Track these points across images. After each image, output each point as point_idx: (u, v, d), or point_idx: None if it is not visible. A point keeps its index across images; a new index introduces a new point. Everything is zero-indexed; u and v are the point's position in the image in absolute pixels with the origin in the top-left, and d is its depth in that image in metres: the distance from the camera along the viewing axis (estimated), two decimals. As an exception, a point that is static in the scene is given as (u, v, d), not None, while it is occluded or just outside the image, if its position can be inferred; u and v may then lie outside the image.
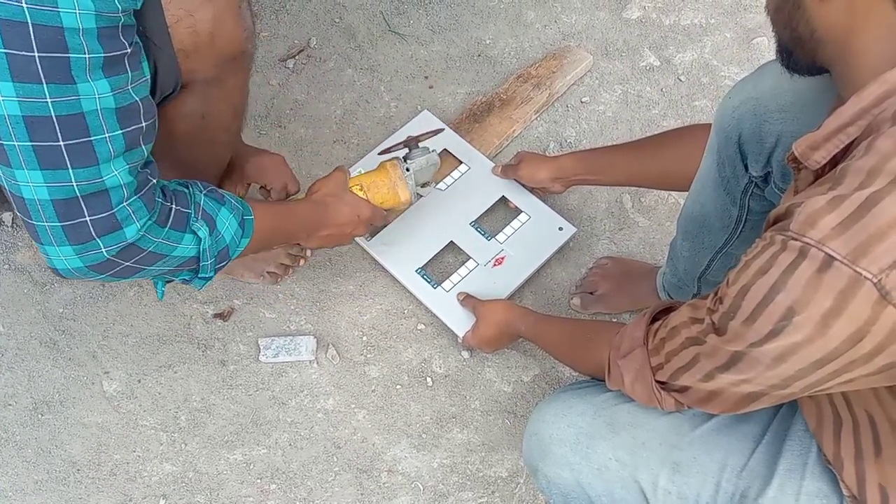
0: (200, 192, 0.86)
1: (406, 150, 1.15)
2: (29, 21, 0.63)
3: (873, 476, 0.68)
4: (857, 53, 0.57)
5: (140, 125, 0.74)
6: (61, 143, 0.68)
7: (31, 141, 0.68)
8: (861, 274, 0.51)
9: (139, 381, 1.19)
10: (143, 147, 0.76)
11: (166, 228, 0.79)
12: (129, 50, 0.71)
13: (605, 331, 0.86)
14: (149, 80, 0.77)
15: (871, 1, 0.55)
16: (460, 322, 1.19)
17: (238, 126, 1.05)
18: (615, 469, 0.79)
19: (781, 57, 0.67)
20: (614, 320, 1.24)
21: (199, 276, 0.87)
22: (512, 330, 1.09)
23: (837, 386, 0.60)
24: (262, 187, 1.18)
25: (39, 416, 1.16)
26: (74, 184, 0.70)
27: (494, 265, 1.25)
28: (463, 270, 1.24)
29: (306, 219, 1.04)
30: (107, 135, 0.71)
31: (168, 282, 0.92)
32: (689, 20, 1.57)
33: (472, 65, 1.50)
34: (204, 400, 1.18)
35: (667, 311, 0.77)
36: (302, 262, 1.27)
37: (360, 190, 1.10)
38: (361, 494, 1.12)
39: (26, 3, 0.63)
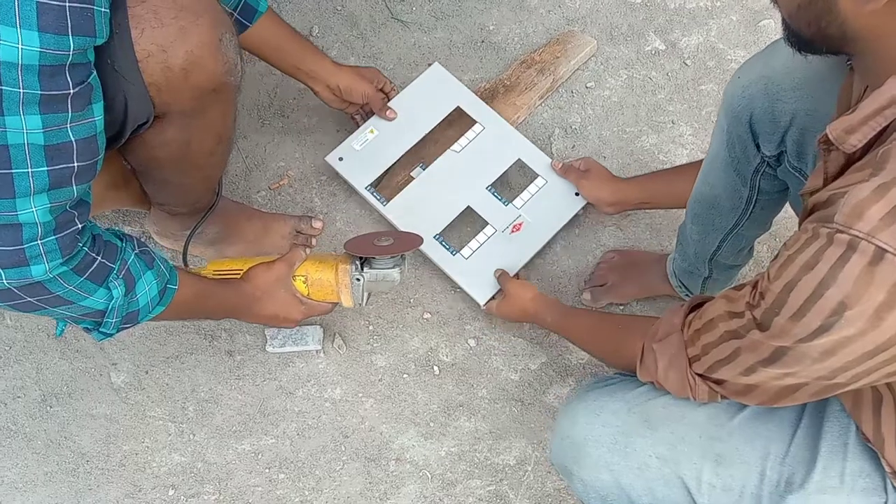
0: (132, 250, 0.83)
1: (366, 257, 1.03)
2: None
3: None
4: (890, 48, 0.56)
5: (71, 165, 0.71)
6: None
7: None
8: None
9: (147, 372, 1.19)
10: (74, 187, 0.72)
11: (82, 278, 0.76)
12: (72, 91, 0.68)
13: (637, 322, 0.85)
14: (97, 122, 0.73)
15: None
16: (480, 288, 1.19)
17: (225, 148, 1.02)
18: (656, 466, 0.77)
19: (795, 44, 0.64)
20: (625, 311, 1.24)
21: (100, 329, 0.83)
22: (536, 316, 1.09)
23: (883, 377, 0.60)
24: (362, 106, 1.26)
25: (48, 407, 1.16)
26: None
27: (513, 231, 1.23)
28: (481, 237, 1.23)
29: (230, 304, 1.00)
30: (30, 170, 0.68)
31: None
32: (695, 3, 1.55)
33: (476, 51, 1.49)
34: (211, 390, 1.18)
35: (703, 303, 0.75)
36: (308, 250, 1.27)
37: (304, 283, 1.03)
38: (370, 483, 1.13)
39: None
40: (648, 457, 0.77)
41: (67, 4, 0.64)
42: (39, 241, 0.71)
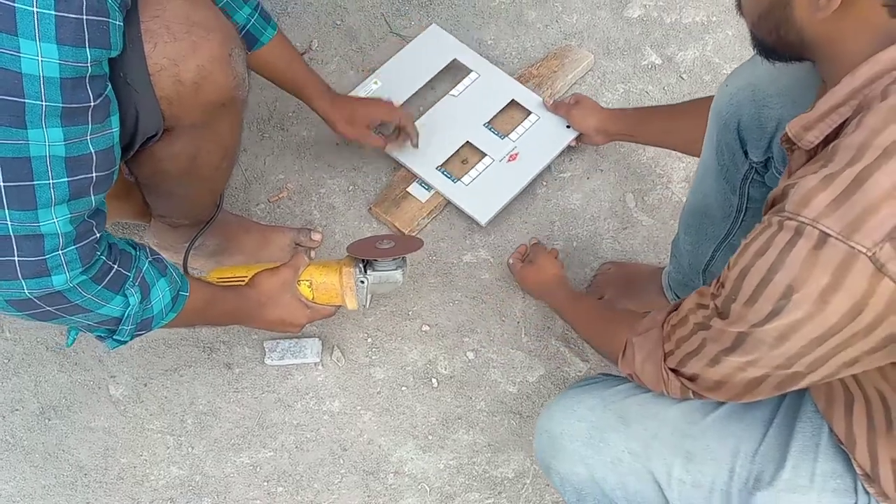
0: (146, 258, 0.84)
1: (370, 259, 1.04)
2: None
3: (885, 452, 0.69)
4: (845, 53, 0.58)
5: (90, 176, 0.72)
6: (1, 183, 0.67)
7: None
8: (855, 248, 0.53)
9: (145, 385, 1.19)
10: (93, 197, 0.74)
11: (100, 286, 0.77)
12: (93, 103, 0.69)
13: (630, 316, 0.87)
14: (115, 133, 0.74)
15: (867, 13, 0.56)
16: (481, 211, 1.28)
17: (230, 162, 1.03)
18: (628, 461, 0.79)
19: (761, 52, 0.68)
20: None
21: (114, 336, 0.84)
22: (550, 292, 1.14)
23: (841, 368, 0.61)
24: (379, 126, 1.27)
25: (46, 420, 1.16)
26: (9, 223, 0.69)
27: (509, 160, 1.32)
28: (480, 166, 1.32)
29: (237, 310, 1.00)
30: (51, 181, 0.69)
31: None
32: (691, 18, 1.57)
33: (474, 65, 1.50)
34: (210, 403, 1.18)
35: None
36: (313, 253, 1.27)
37: (308, 287, 1.04)
38: (368, 496, 1.12)
39: None
40: (621, 451, 0.79)
41: (84, 17, 0.65)
42: (60, 252, 0.72)
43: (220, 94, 0.85)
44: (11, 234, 0.69)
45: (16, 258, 0.70)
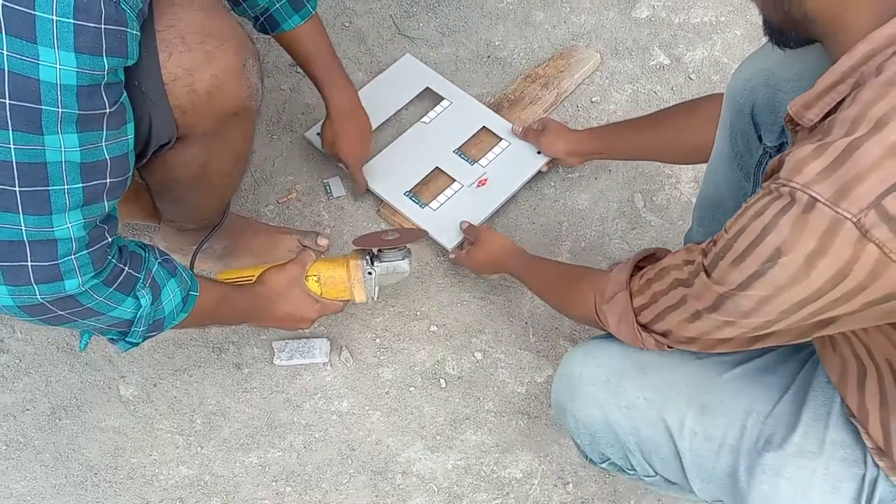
0: (156, 259, 0.84)
1: (377, 250, 1.07)
2: (6, 68, 0.62)
3: None
4: (848, 29, 0.59)
5: (104, 182, 0.73)
6: (17, 188, 0.67)
7: None
8: (842, 214, 0.54)
9: (155, 385, 1.20)
10: (105, 203, 0.74)
11: (111, 289, 0.77)
12: (108, 110, 0.69)
13: (592, 275, 0.89)
14: (130, 140, 0.75)
15: None
16: (448, 237, 1.27)
17: (241, 169, 1.04)
18: (643, 408, 0.81)
19: (771, 36, 0.68)
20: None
21: (126, 339, 0.84)
22: (503, 263, 1.14)
23: (816, 328, 0.63)
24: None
25: (57, 420, 1.17)
26: (23, 228, 0.69)
27: (478, 186, 1.31)
28: (449, 191, 1.31)
29: (246, 308, 1.01)
30: (66, 187, 0.69)
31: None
32: (699, 18, 1.57)
33: (482, 66, 1.51)
34: (219, 403, 1.18)
35: (650, 257, 0.81)
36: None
37: (316, 282, 1.05)
38: (376, 496, 1.12)
39: (7, 51, 0.62)
40: (637, 398, 0.81)
41: (103, 27, 0.65)
42: (73, 256, 0.72)
43: (233, 104, 0.86)
44: (25, 239, 0.70)
45: (29, 263, 0.71)
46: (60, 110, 0.66)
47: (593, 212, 1.35)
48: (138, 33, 0.71)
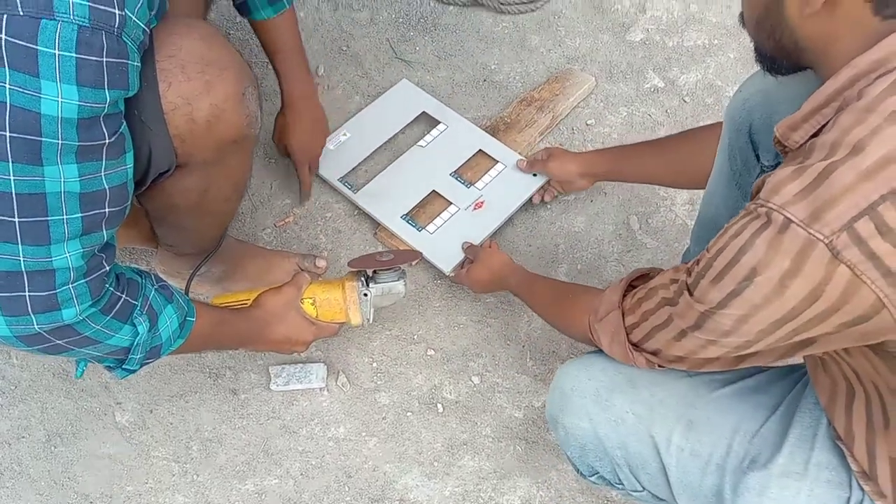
0: (152, 285, 0.84)
1: (372, 271, 1.08)
2: (7, 102, 0.63)
3: (883, 449, 0.70)
4: (837, 55, 0.60)
5: (103, 211, 0.73)
6: (16, 219, 0.67)
7: None
8: (814, 236, 0.56)
9: (151, 412, 1.19)
10: (104, 232, 0.74)
11: (108, 317, 0.77)
12: (108, 140, 0.70)
13: (587, 294, 0.90)
14: (129, 170, 0.75)
15: (853, 11, 0.58)
16: (445, 260, 1.27)
17: (240, 195, 1.05)
18: (631, 422, 0.82)
19: (763, 63, 0.70)
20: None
21: (123, 366, 0.84)
22: (503, 280, 1.15)
23: (797, 348, 0.64)
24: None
25: (52, 448, 1.16)
26: (22, 258, 0.69)
27: (475, 209, 1.32)
28: (445, 215, 1.31)
29: (243, 331, 1.01)
30: (65, 217, 0.69)
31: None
32: (693, 41, 1.58)
33: (478, 90, 1.52)
34: (215, 430, 1.18)
35: (643, 277, 0.83)
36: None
37: (312, 305, 1.05)
38: (373, 523, 1.12)
39: (9, 84, 0.62)
40: (626, 412, 0.82)
41: (105, 60, 0.66)
42: (71, 286, 0.72)
43: (232, 132, 0.86)
44: (23, 269, 0.70)
45: (27, 294, 0.71)
46: (60, 142, 0.66)
47: (589, 234, 1.35)
48: (139, 64, 0.72)
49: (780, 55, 0.66)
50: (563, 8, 1.62)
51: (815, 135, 0.62)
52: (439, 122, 1.41)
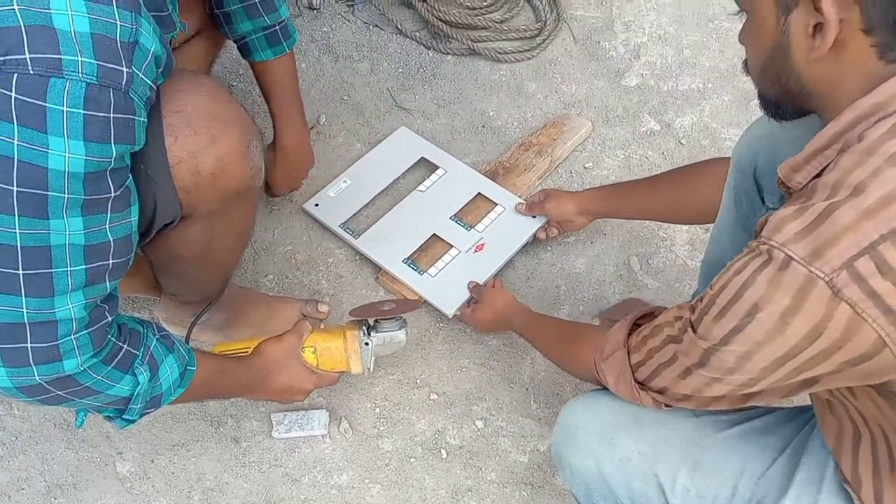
0: (154, 335, 0.84)
1: (374, 320, 1.08)
2: (15, 157, 0.64)
3: (891, 493, 0.69)
4: (842, 98, 0.61)
5: (107, 263, 0.74)
6: (20, 271, 0.68)
7: None
8: (815, 273, 0.56)
9: (152, 461, 1.18)
10: (108, 283, 0.75)
11: (109, 367, 0.77)
12: (114, 194, 0.71)
13: (592, 332, 0.91)
14: (133, 222, 0.76)
15: (858, 55, 0.59)
16: (447, 302, 1.27)
17: (244, 245, 1.06)
18: (636, 461, 0.81)
19: (767, 109, 0.71)
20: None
21: (123, 416, 0.84)
22: (507, 320, 1.15)
23: (802, 387, 0.64)
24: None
25: (53, 499, 1.15)
26: (24, 310, 0.69)
27: (475, 251, 1.33)
28: (447, 258, 1.32)
29: (243, 380, 1.01)
30: (69, 269, 0.70)
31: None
32: (687, 85, 1.61)
33: (477, 136, 1.54)
34: (217, 479, 1.16)
35: (647, 316, 0.83)
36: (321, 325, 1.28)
37: (312, 353, 1.06)
38: (377, 574, 1.09)
39: (17, 140, 0.63)
40: (631, 451, 0.81)
41: (112, 116, 0.67)
42: (73, 336, 0.73)
43: (236, 184, 0.88)
44: (26, 321, 0.70)
45: (29, 345, 0.71)
46: (67, 196, 0.67)
47: (590, 275, 1.36)
48: (145, 120, 0.73)
49: (784, 100, 0.67)
50: (558, 55, 1.66)
51: (817, 176, 0.63)
52: (438, 167, 1.44)
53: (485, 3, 1.68)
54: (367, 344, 1.06)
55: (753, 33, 0.66)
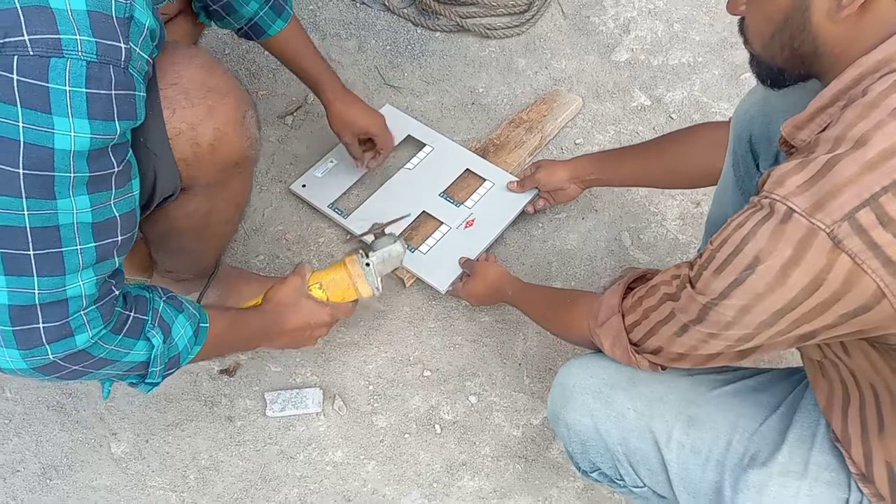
0: (160, 298, 0.85)
1: (371, 237, 1.12)
2: (21, 140, 0.64)
3: (879, 453, 0.70)
4: (855, 58, 0.61)
5: (115, 239, 0.75)
6: (31, 252, 0.69)
7: (0, 248, 0.68)
8: (816, 225, 0.57)
9: (147, 441, 1.18)
10: (116, 258, 0.76)
11: (120, 336, 0.78)
12: (116, 169, 0.72)
13: (585, 298, 0.91)
14: (136, 196, 0.77)
15: (885, 11, 0.59)
16: (439, 279, 1.27)
17: (240, 216, 1.07)
18: (632, 418, 0.82)
19: (767, 78, 0.70)
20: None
21: (146, 381, 0.85)
22: (500, 291, 1.15)
23: (798, 340, 0.64)
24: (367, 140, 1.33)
25: (48, 480, 1.15)
26: (36, 291, 0.70)
27: (466, 227, 1.33)
28: (437, 234, 1.32)
29: (259, 328, 1.02)
30: (79, 247, 0.71)
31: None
32: (677, 60, 1.61)
33: (467, 113, 1.54)
34: (212, 457, 1.17)
35: (640, 279, 0.83)
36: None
37: (320, 289, 1.07)
38: (373, 548, 1.10)
39: (22, 122, 0.64)
40: (626, 409, 0.83)
41: (113, 93, 0.68)
42: (83, 312, 0.74)
43: (234, 155, 0.88)
44: (37, 302, 0.71)
45: (41, 325, 0.72)
46: (73, 175, 0.68)
47: (582, 251, 1.36)
48: (145, 94, 0.73)
49: (790, 66, 0.67)
50: (548, 31, 1.65)
51: (820, 133, 0.63)
52: (425, 145, 1.43)
53: (473, -21, 1.66)
54: (368, 265, 1.08)
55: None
